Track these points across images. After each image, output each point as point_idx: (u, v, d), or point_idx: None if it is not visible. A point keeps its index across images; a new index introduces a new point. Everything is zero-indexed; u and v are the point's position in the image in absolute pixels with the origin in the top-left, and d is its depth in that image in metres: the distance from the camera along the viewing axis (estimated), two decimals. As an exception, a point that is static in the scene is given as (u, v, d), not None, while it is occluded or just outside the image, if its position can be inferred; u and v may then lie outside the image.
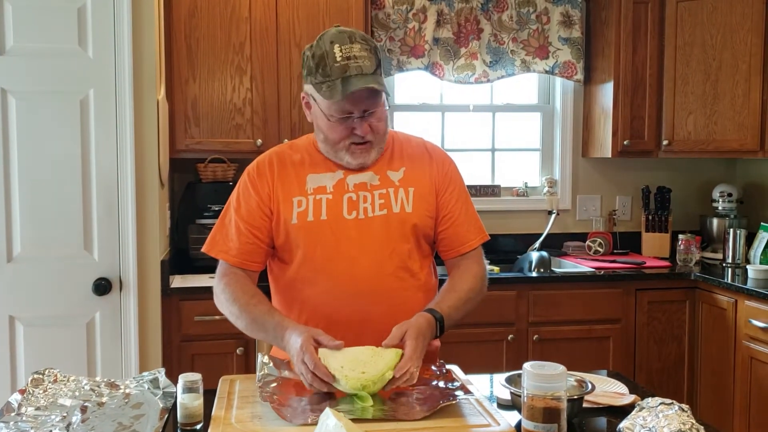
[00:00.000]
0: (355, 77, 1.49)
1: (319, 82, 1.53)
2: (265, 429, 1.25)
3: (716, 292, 3.09)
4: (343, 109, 1.54)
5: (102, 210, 2.58)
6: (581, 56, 3.62)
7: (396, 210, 1.63)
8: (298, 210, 1.62)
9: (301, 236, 1.62)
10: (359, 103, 1.53)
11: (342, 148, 1.60)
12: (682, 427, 1.12)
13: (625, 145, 3.45)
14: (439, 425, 1.25)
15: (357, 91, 1.49)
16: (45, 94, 2.52)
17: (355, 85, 1.49)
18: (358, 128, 1.56)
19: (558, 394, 1.15)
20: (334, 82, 1.50)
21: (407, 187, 1.65)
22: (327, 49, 1.52)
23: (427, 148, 1.75)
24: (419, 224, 1.65)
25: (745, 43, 3.27)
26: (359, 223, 1.61)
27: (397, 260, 1.62)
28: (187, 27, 3.03)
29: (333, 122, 1.57)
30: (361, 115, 1.55)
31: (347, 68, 1.50)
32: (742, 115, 3.30)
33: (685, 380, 3.25)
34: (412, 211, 1.64)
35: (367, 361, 1.37)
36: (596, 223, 3.80)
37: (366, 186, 1.64)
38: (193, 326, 2.81)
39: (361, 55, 1.51)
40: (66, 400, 1.40)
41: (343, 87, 1.49)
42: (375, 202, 1.62)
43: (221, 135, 3.09)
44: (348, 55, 1.50)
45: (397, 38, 3.45)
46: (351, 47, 1.51)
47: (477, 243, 1.71)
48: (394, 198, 1.64)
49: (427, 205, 1.67)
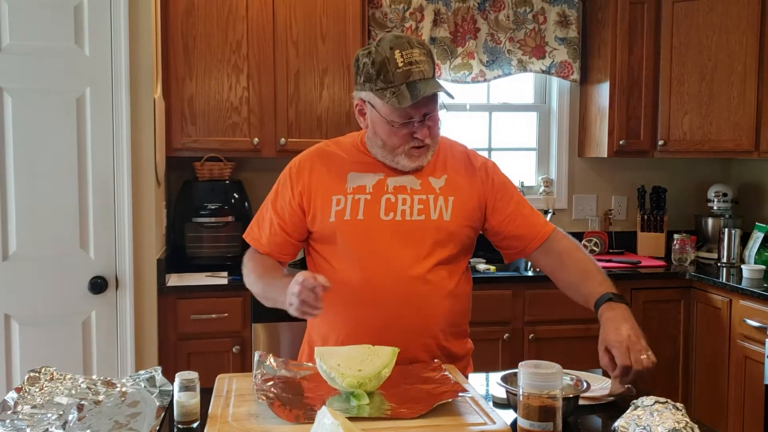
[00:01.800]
0: (420, 82, 1.52)
1: (381, 89, 1.54)
2: (262, 427, 1.25)
3: (711, 292, 3.10)
4: (406, 115, 1.56)
5: (98, 208, 2.58)
6: (577, 56, 3.63)
7: (434, 217, 1.64)
8: (336, 208, 1.63)
9: (337, 233, 1.63)
10: (421, 108, 1.55)
11: (401, 153, 1.61)
12: (676, 426, 1.13)
13: (621, 144, 3.46)
14: (435, 424, 1.26)
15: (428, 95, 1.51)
16: (41, 92, 2.52)
17: (423, 90, 1.51)
18: (419, 132, 1.58)
19: (554, 393, 1.16)
20: (399, 88, 1.52)
21: (447, 195, 1.66)
22: (387, 55, 1.53)
23: (470, 156, 1.75)
24: (456, 233, 1.66)
25: (741, 44, 3.28)
26: (395, 225, 1.62)
27: (428, 265, 1.63)
28: (184, 25, 3.03)
29: (395, 128, 1.58)
30: (422, 119, 1.57)
31: (410, 73, 1.52)
32: (738, 115, 3.31)
33: (679, 379, 3.26)
34: (450, 220, 1.65)
35: (364, 360, 1.38)
36: (592, 222, 3.81)
37: (406, 189, 1.65)
38: (189, 325, 2.81)
39: (421, 59, 1.53)
40: (62, 399, 1.40)
41: (411, 92, 1.51)
42: (414, 206, 1.64)
43: (218, 134, 3.09)
44: (410, 60, 1.52)
45: (393, 37, 3.45)
46: (411, 52, 1.53)
47: (551, 227, 1.71)
48: (434, 205, 1.64)
49: (467, 215, 1.68)
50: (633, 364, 1.37)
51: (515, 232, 1.70)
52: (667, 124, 3.44)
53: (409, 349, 1.59)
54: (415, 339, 1.62)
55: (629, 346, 1.39)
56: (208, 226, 3.11)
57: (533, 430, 1.16)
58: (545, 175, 3.83)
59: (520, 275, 3.19)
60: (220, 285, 2.85)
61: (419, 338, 1.63)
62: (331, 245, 1.66)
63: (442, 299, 1.65)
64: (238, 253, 3.16)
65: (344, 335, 1.64)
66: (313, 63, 3.13)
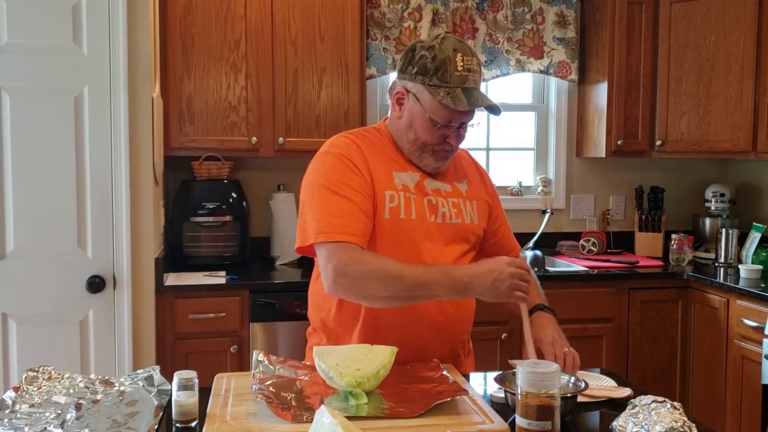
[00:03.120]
0: (474, 90, 1.56)
1: (435, 86, 1.55)
2: (260, 426, 1.25)
3: (708, 292, 3.10)
4: (449, 117, 1.58)
5: (96, 207, 2.58)
6: (576, 56, 3.63)
7: (467, 220, 1.70)
8: (390, 205, 1.60)
9: (387, 232, 1.59)
10: (464, 115, 1.59)
11: (429, 151, 1.63)
12: (674, 425, 1.13)
13: (619, 145, 3.47)
14: (433, 423, 1.26)
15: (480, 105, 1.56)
16: (39, 90, 2.52)
17: (480, 99, 1.55)
18: (452, 137, 1.61)
19: (552, 392, 1.16)
20: (455, 90, 1.54)
21: (472, 200, 1.73)
22: (450, 56, 1.55)
23: (475, 163, 1.85)
24: (479, 235, 1.75)
25: (738, 44, 3.28)
26: (440, 227, 1.65)
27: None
28: (182, 24, 3.03)
29: (434, 127, 1.59)
30: (459, 125, 1.61)
31: (466, 80, 1.55)
32: (735, 115, 3.31)
33: (677, 379, 3.27)
34: (478, 224, 1.73)
35: (363, 359, 1.38)
36: (590, 222, 3.82)
37: (440, 192, 1.68)
38: (187, 324, 2.81)
39: (476, 70, 1.57)
40: (60, 398, 1.40)
41: (467, 98, 1.54)
42: (450, 209, 1.67)
43: (216, 133, 3.09)
44: (469, 67, 1.55)
45: (392, 37, 3.46)
46: (471, 60, 1.56)
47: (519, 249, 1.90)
48: (464, 209, 1.70)
49: (485, 218, 1.77)
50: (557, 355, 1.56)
51: (502, 241, 1.84)
52: (665, 125, 3.45)
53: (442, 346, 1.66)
54: (450, 337, 1.69)
55: (553, 342, 1.58)
56: (206, 225, 3.11)
57: (532, 429, 1.16)
58: (543, 175, 3.83)
59: (518, 275, 3.19)
60: (218, 284, 2.85)
61: (454, 335, 1.71)
62: (375, 241, 1.58)
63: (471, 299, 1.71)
64: (236, 252, 3.16)
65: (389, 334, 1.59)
66: (311, 62, 3.13)
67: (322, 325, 1.72)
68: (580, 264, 3.36)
